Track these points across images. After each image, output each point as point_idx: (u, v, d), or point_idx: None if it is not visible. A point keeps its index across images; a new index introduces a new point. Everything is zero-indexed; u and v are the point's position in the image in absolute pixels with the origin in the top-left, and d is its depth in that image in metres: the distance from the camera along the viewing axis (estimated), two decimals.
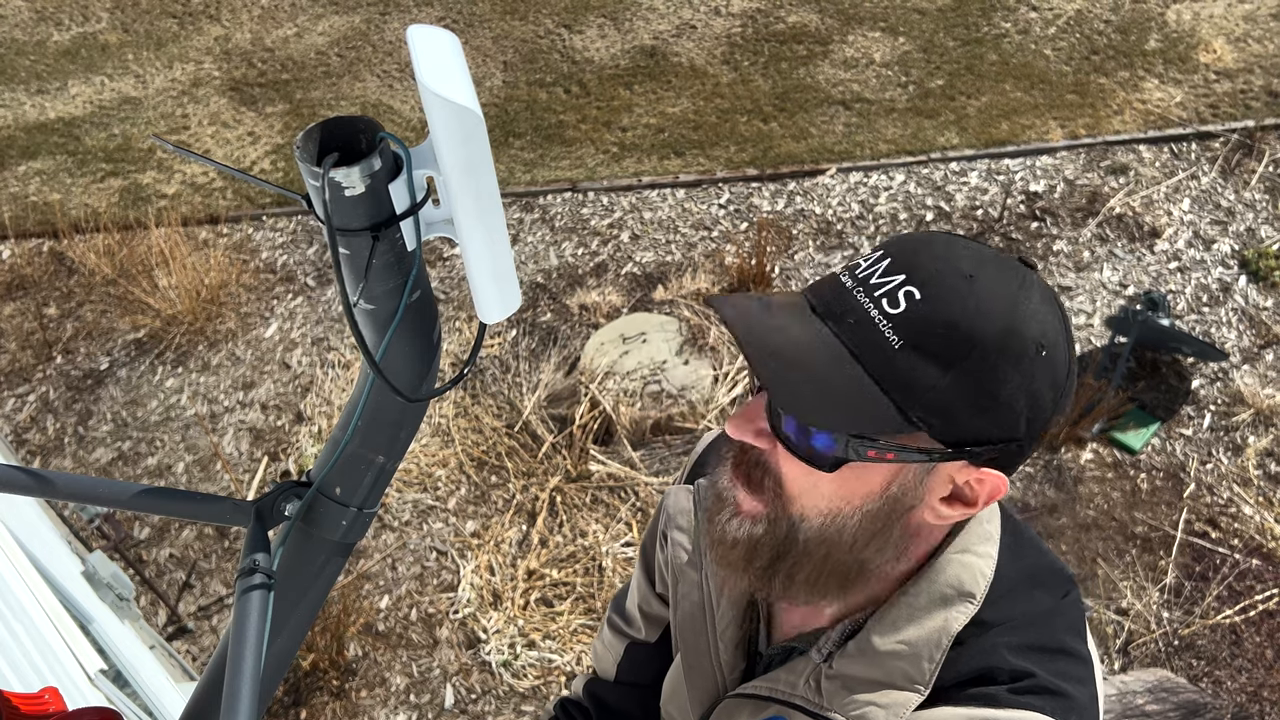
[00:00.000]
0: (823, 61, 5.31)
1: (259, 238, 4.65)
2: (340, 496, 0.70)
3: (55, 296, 4.46)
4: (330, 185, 0.55)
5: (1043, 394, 0.77)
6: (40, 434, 3.97)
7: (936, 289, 0.75)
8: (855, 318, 0.77)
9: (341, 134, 0.58)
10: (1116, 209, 4.39)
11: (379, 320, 0.63)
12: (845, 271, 0.81)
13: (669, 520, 1.10)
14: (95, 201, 4.86)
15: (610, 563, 3.42)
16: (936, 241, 0.80)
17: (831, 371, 0.76)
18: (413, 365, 0.66)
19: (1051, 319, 0.78)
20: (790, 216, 4.55)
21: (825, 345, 0.77)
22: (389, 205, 0.58)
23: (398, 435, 0.71)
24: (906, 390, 0.75)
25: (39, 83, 5.60)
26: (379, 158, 0.56)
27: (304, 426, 3.88)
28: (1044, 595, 0.91)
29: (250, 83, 5.48)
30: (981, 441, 0.77)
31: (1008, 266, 0.79)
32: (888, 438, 0.77)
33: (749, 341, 0.76)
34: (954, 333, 0.74)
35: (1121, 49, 5.18)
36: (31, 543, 2.09)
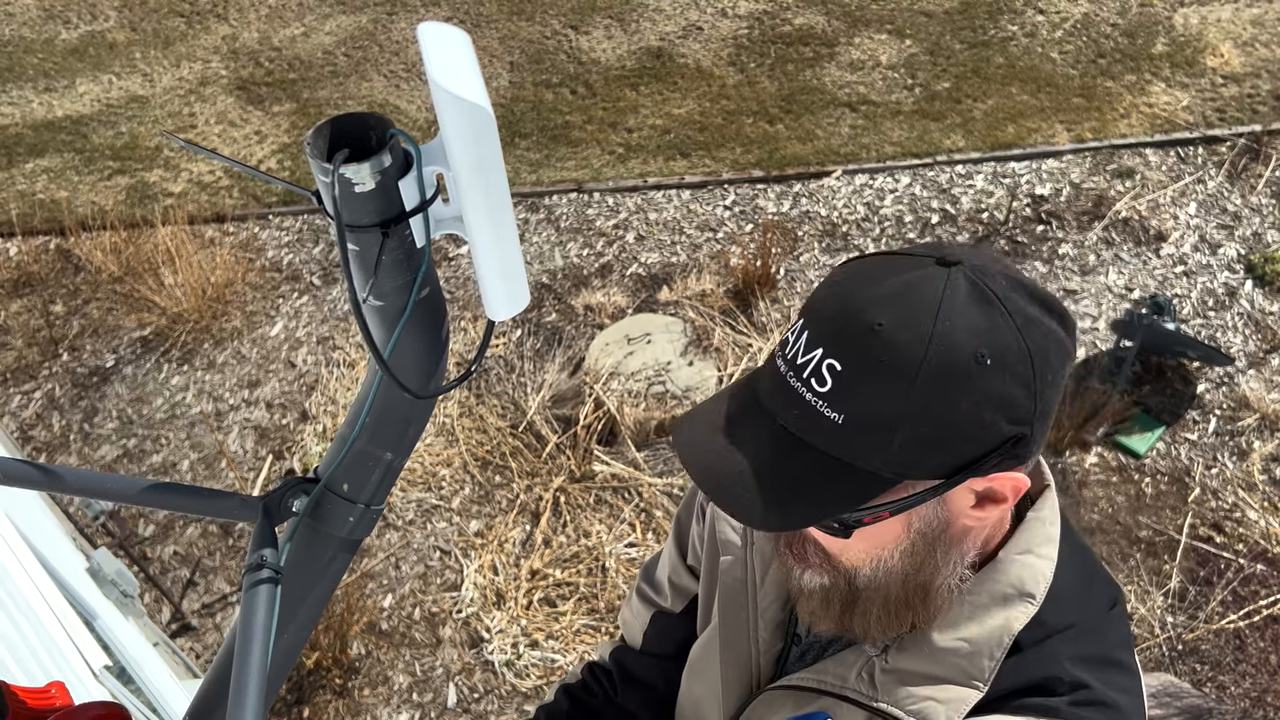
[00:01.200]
0: (829, 64, 5.31)
1: (265, 236, 4.66)
2: (347, 493, 0.70)
3: (62, 294, 4.48)
4: (340, 181, 0.55)
5: (1010, 393, 0.74)
6: (46, 431, 3.98)
7: (849, 352, 0.74)
8: (797, 408, 0.76)
9: (352, 130, 0.58)
10: (1123, 212, 4.38)
11: (387, 317, 0.64)
12: (780, 353, 0.80)
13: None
14: (102, 199, 4.88)
15: (614, 563, 3.42)
16: (843, 291, 0.78)
17: (795, 466, 0.76)
18: (421, 363, 0.66)
19: (984, 320, 0.73)
20: (795, 218, 4.55)
21: (779, 442, 0.77)
22: (399, 202, 0.58)
23: (405, 432, 0.71)
24: (869, 455, 0.74)
25: (47, 80, 5.61)
26: (389, 154, 0.57)
27: (309, 425, 3.89)
28: (1098, 603, 0.91)
29: (257, 82, 5.49)
30: (966, 463, 0.76)
31: (919, 284, 0.75)
32: (878, 499, 0.77)
33: (697, 476, 0.78)
34: (882, 388, 0.73)
35: (1128, 52, 5.18)
36: (37, 538, 2.10)
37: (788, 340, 0.79)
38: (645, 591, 1.23)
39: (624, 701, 1.22)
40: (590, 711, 1.23)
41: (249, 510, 0.67)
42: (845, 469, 0.75)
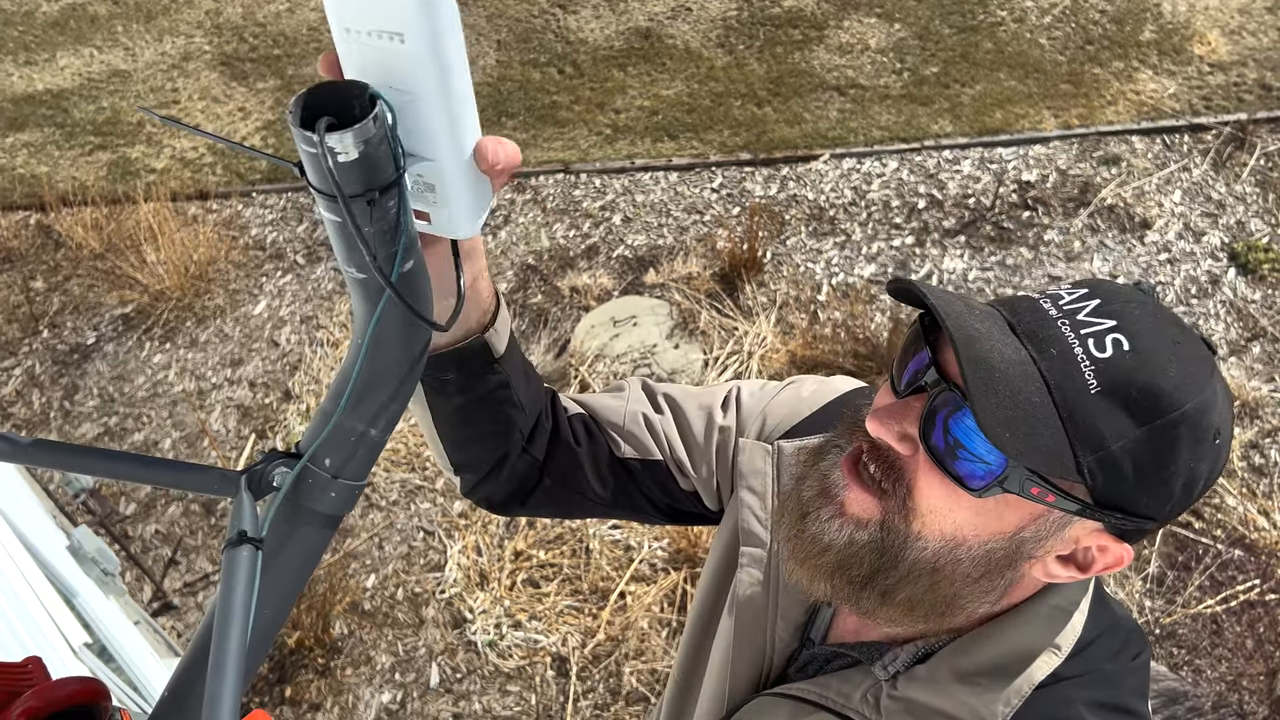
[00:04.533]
0: (818, 46, 5.29)
1: (249, 214, 4.62)
2: (330, 468, 0.70)
3: (42, 270, 4.43)
4: (316, 148, 0.54)
5: (1198, 482, 0.75)
6: (26, 408, 3.95)
7: (1146, 345, 0.73)
8: (1058, 349, 0.73)
9: (333, 99, 0.57)
10: (1108, 200, 4.39)
11: (369, 291, 0.63)
12: (1045, 298, 0.78)
13: (740, 477, 1.03)
14: (83, 175, 4.82)
15: (597, 545, 3.43)
16: (1138, 298, 0.77)
17: (1025, 394, 0.72)
18: (406, 334, 0.66)
19: (1229, 411, 0.76)
20: (783, 202, 4.55)
21: (1023, 369, 0.73)
22: (384, 171, 0.58)
23: (389, 407, 0.70)
24: (1088, 438, 0.72)
25: (27, 54, 5.54)
26: (373, 123, 0.56)
27: (292, 404, 3.87)
28: (1121, 654, 0.89)
29: (241, 57, 5.43)
30: (1128, 511, 0.75)
31: (1200, 345, 0.77)
32: (1053, 479, 0.74)
33: (962, 341, 0.72)
34: (1153, 394, 0.71)
35: (1116, 39, 5.18)
36: (16, 515, 2.08)
37: (1060, 295, 0.77)
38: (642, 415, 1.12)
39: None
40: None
41: (229, 484, 0.66)
42: (1060, 433, 0.72)
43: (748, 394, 1.11)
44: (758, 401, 1.09)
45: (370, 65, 0.58)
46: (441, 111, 0.59)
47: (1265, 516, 3.29)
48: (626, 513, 1.14)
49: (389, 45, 0.57)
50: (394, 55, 0.57)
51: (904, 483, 0.79)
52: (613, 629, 3.18)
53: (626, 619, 3.20)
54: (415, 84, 0.57)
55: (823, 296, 4.13)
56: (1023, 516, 0.77)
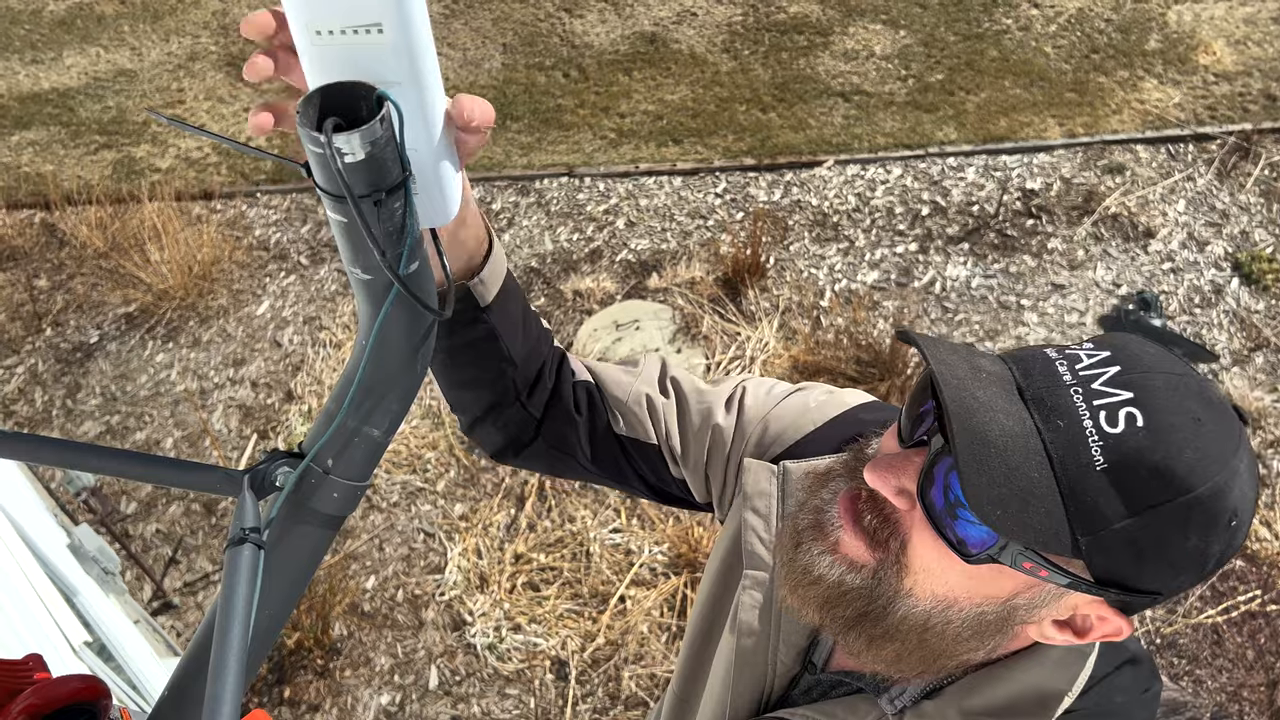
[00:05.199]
0: (823, 53, 5.30)
1: (253, 215, 4.63)
2: (333, 469, 0.70)
3: (46, 268, 4.44)
4: (324, 149, 0.54)
5: (1208, 563, 0.72)
6: (28, 406, 3.95)
7: (1162, 423, 0.68)
8: (1065, 420, 0.70)
9: (341, 100, 0.57)
10: (1112, 208, 4.39)
11: (375, 292, 0.63)
12: (1062, 358, 0.74)
13: (744, 497, 1.00)
14: (88, 174, 4.83)
15: (598, 549, 3.42)
16: (1167, 361, 0.73)
17: (1022, 470, 0.69)
18: (409, 336, 0.66)
19: (1250, 489, 0.72)
20: (786, 207, 4.55)
21: (1025, 442, 0.69)
22: (390, 173, 0.58)
23: (392, 408, 0.70)
24: (1089, 517, 0.68)
25: (33, 52, 5.55)
26: (380, 124, 0.56)
27: (294, 405, 3.87)
28: (1131, 688, 0.88)
29: (247, 58, 5.44)
30: (1129, 588, 0.72)
31: (1229, 417, 0.72)
32: (1049, 555, 0.71)
33: (957, 414, 0.69)
34: (1163, 477, 0.68)
35: (1121, 48, 5.18)
36: (17, 512, 2.08)
37: (1079, 357, 0.74)
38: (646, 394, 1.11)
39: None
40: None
41: (232, 484, 0.66)
42: (1058, 509, 0.68)
43: (752, 397, 1.09)
44: (761, 406, 1.07)
45: (344, 65, 0.57)
46: (419, 99, 0.59)
47: (1267, 527, 3.28)
48: (615, 484, 1.14)
49: (365, 39, 0.56)
50: (370, 48, 0.57)
51: (898, 537, 0.78)
52: (612, 633, 3.18)
53: (626, 623, 3.20)
54: (393, 74, 0.57)
55: (825, 302, 4.13)
56: (1018, 584, 0.75)
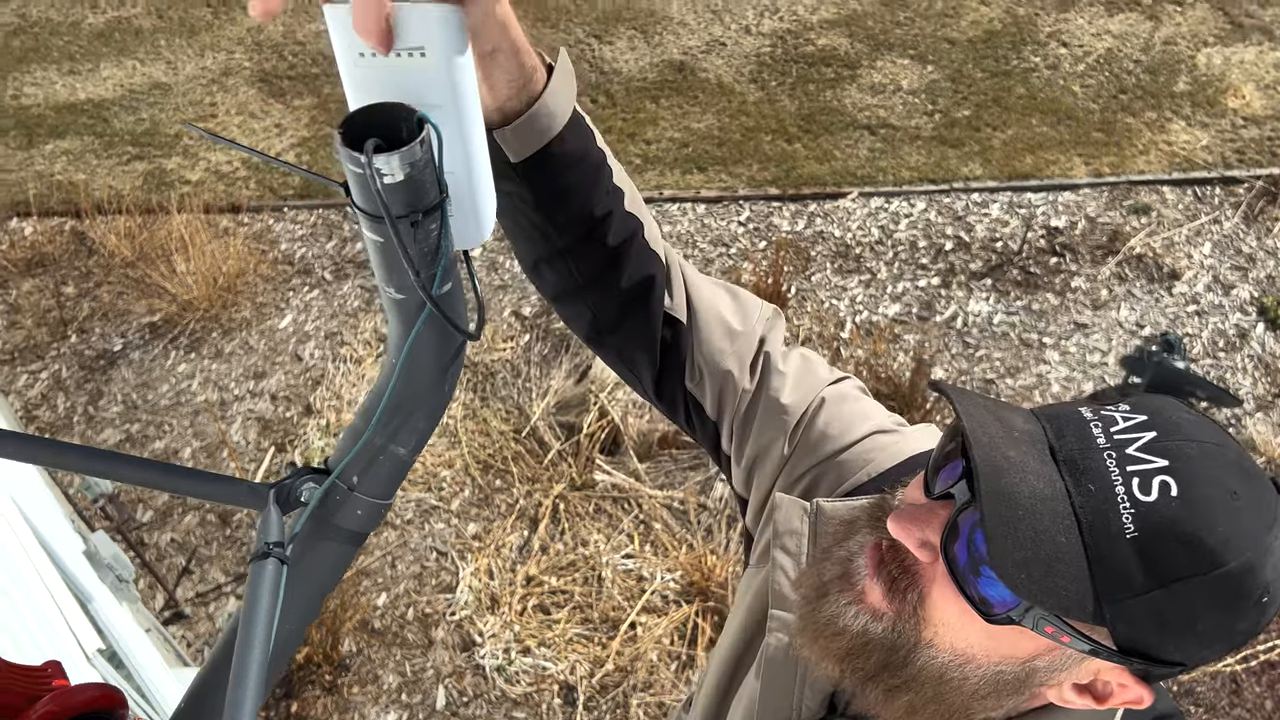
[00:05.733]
0: (850, 85, 5.32)
1: (279, 229, 4.67)
2: (358, 486, 0.70)
3: (74, 275, 4.49)
4: (364, 170, 0.55)
5: (1236, 636, 0.70)
6: (50, 411, 3.99)
7: (1197, 494, 0.67)
8: (1097, 484, 0.68)
9: (380, 121, 0.57)
10: (1137, 249, 4.37)
11: (407, 311, 0.63)
12: (1097, 419, 0.73)
13: (775, 536, 0.97)
14: (119, 184, 4.89)
15: (610, 574, 3.41)
16: (1205, 430, 0.72)
17: (1050, 534, 0.67)
18: (438, 356, 0.66)
19: None
20: (809, 238, 4.55)
21: (1053, 505, 0.68)
22: (427, 194, 0.58)
23: (419, 426, 0.71)
24: (1114, 585, 0.67)
25: (71, 64, 5.64)
26: (420, 146, 0.56)
27: (312, 419, 3.89)
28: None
29: (280, 75, 5.51)
30: (1153, 658, 0.70)
31: (1266, 491, 0.70)
32: (1072, 622, 0.69)
33: (986, 473, 0.68)
34: (1194, 550, 0.66)
35: (1150, 89, 5.18)
36: (36, 517, 2.10)
37: (1114, 419, 0.72)
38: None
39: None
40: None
41: (257, 498, 0.67)
42: (1083, 576, 0.67)
43: (826, 420, 1.03)
44: (834, 440, 1.02)
45: (386, 87, 0.58)
46: (458, 122, 0.59)
47: None
48: (669, 418, 1.11)
49: (408, 62, 0.57)
50: (412, 72, 0.57)
51: (918, 588, 0.77)
52: (622, 659, 3.16)
53: (636, 650, 3.18)
54: (434, 97, 0.58)
55: (846, 334, 4.12)
56: (1039, 647, 0.74)
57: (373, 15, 0.54)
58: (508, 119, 0.85)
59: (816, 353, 1.13)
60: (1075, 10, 5.65)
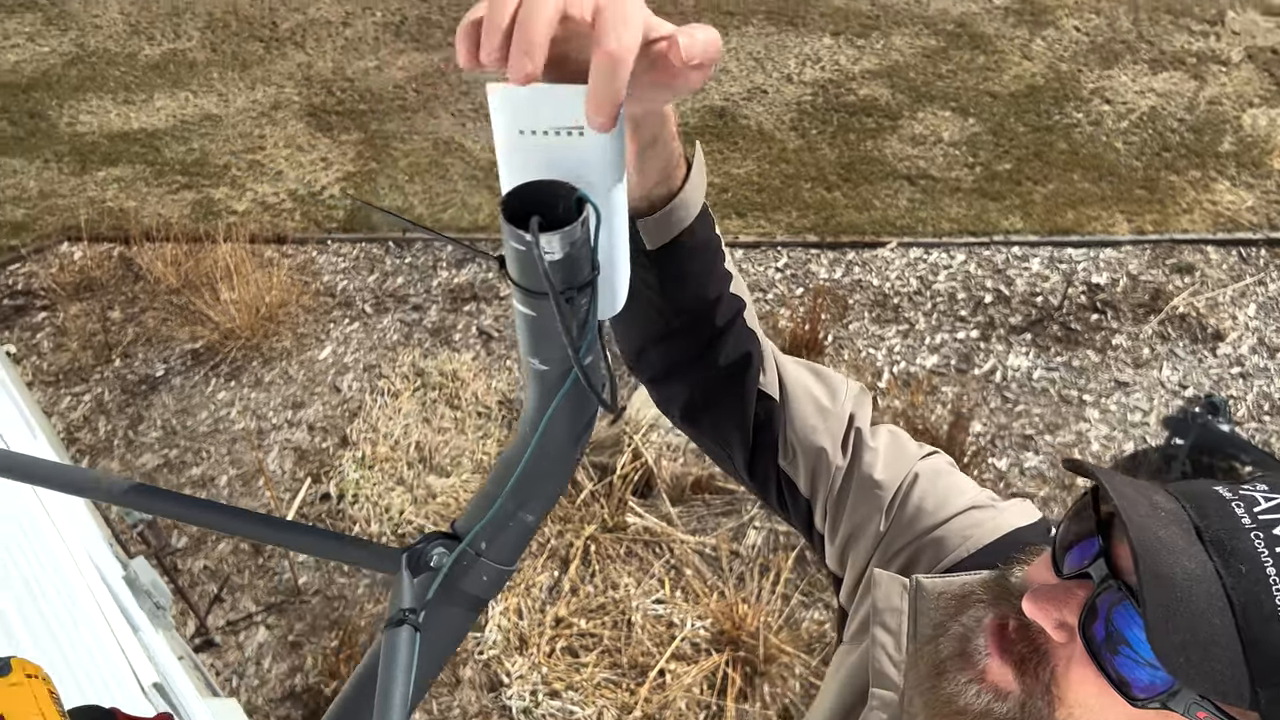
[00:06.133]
0: (891, 136, 5.34)
1: (322, 261, 4.73)
2: (485, 551, 0.71)
3: (120, 300, 4.56)
4: (526, 246, 0.56)
5: None
6: (91, 434, 4.04)
7: None
8: (1247, 566, 0.67)
9: (537, 196, 0.58)
10: (1180, 308, 4.34)
11: (548, 382, 0.64)
12: (1237, 499, 0.72)
13: (874, 610, 0.96)
14: (168, 212, 4.98)
15: (640, 618, 3.39)
16: None
17: (1205, 617, 0.66)
18: (573, 426, 0.67)
19: None
20: (847, 286, 4.55)
21: (1206, 587, 0.67)
22: (581, 271, 0.59)
23: (548, 493, 0.71)
24: (1269, 668, 0.65)
25: (126, 93, 5.78)
26: (581, 226, 0.57)
27: (348, 451, 3.91)
28: None
29: (328, 110, 5.61)
30: None
31: None
32: (1223, 705, 0.67)
33: (1143, 555, 0.67)
34: None
35: (1194, 148, 5.16)
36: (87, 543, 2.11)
37: (1256, 500, 0.71)
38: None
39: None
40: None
41: (388, 561, 0.68)
42: (1238, 659, 0.66)
43: (921, 495, 1.02)
44: (929, 516, 1.01)
45: (542, 162, 0.59)
46: (607, 198, 0.60)
47: None
48: (760, 499, 1.12)
49: (565, 140, 0.58)
50: (569, 148, 0.58)
51: (1049, 667, 0.75)
52: (650, 707, 3.13)
53: (665, 698, 3.15)
54: (587, 174, 0.59)
55: (883, 384, 4.10)
56: None
57: (611, 103, 0.57)
58: (654, 207, 0.89)
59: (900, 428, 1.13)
60: (1119, 67, 5.66)
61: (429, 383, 4.17)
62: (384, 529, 3.68)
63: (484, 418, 4.05)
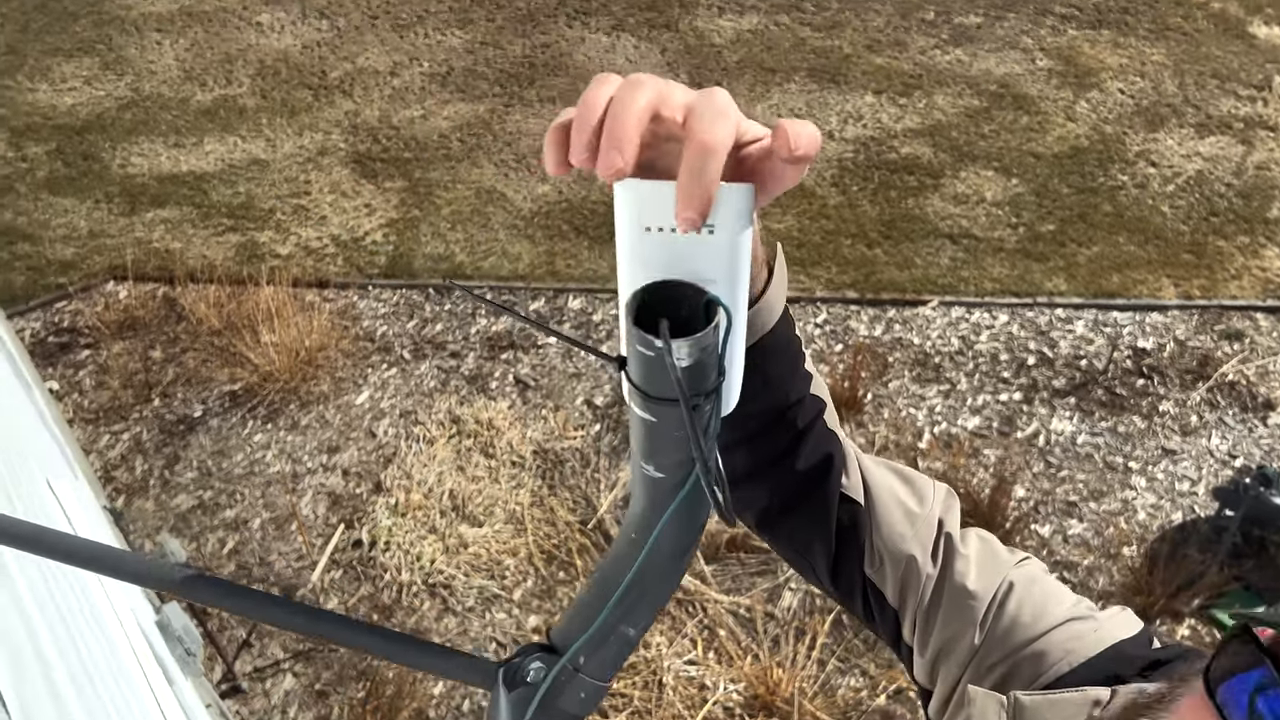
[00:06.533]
0: (933, 194, 5.32)
1: (363, 306, 4.76)
2: (583, 666, 0.68)
3: (162, 341, 4.61)
4: (656, 352, 0.54)
5: None
6: (128, 473, 4.05)
7: None
8: None
9: (661, 297, 0.56)
10: (1229, 375, 4.25)
11: (661, 491, 0.61)
12: None
13: None
14: (213, 254, 5.05)
15: (671, 679, 3.32)
16: None
17: None
18: (683, 535, 0.64)
19: None
20: (887, 344, 4.51)
21: None
22: (708, 378, 0.56)
23: (651, 607, 0.68)
24: None
25: (177, 137, 5.89)
26: (713, 332, 0.54)
27: (381, 498, 3.89)
28: None
29: (373, 157, 5.69)
30: None
31: None
32: None
33: None
34: None
35: (1242, 214, 5.09)
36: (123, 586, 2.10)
37: None
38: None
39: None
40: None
41: (483, 675, 0.66)
42: None
43: (1017, 605, 0.97)
44: (1027, 629, 0.97)
45: (666, 260, 0.57)
46: (731, 299, 0.57)
47: None
48: (845, 608, 1.07)
49: (695, 238, 0.56)
50: (696, 246, 0.56)
51: None
52: None
53: None
54: (711, 273, 0.56)
55: (924, 444, 4.04)
56: None
57: (703, 196, 0.55)
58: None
59: (990, 533, 1.08)
60: (1164, 131, 5.62)
61: (464, 430, 4.16)
62: (415, 578, 3.65)
63: (518, 467, 4.03)
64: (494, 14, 6.83)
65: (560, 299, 4.78)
